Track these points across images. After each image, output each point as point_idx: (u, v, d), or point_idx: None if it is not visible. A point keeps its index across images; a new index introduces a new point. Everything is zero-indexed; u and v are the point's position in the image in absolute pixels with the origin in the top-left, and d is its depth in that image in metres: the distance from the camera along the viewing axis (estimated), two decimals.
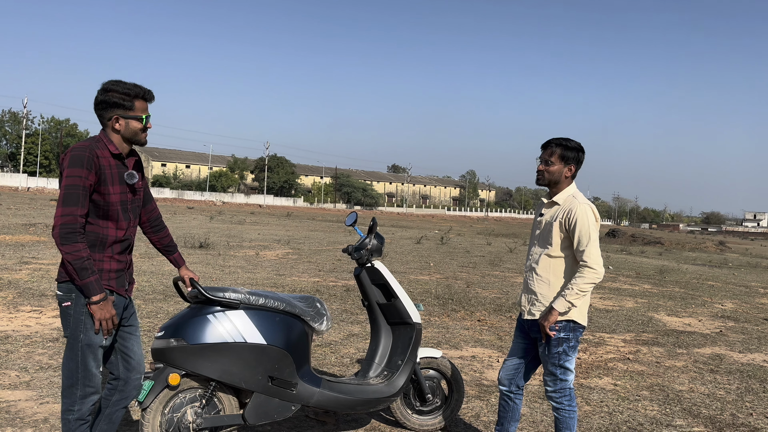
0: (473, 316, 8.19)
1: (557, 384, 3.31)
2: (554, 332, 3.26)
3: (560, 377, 3.30)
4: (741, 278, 16.77)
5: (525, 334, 3.48)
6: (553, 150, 3.32)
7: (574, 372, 3.36)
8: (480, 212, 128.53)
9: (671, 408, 4.85)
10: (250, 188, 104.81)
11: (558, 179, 3.34)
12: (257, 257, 13.86)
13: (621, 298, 10.81)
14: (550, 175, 3.33)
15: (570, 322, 3.27)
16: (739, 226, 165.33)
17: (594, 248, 3.20)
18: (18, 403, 4.09)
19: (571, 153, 3.32)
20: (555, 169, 3.32)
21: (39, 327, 6.10)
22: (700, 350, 7.00)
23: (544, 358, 3.34)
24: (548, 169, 3.33)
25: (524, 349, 3.50)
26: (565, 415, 3.34)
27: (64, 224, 2.67)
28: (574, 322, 3.27)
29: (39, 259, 11.01)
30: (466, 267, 14.66)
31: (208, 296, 3.25)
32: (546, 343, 3.30)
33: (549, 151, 3.34)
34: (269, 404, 3.36)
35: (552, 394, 3.35)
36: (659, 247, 36.43)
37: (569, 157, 3.32)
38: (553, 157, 3.32)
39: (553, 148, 3.32)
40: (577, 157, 3.33)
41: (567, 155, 3.31)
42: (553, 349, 3.28)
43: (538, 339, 3.37)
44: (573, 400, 3.35)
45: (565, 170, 3.33)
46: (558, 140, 3.34)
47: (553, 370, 3.30)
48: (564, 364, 3.29)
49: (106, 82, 2.85)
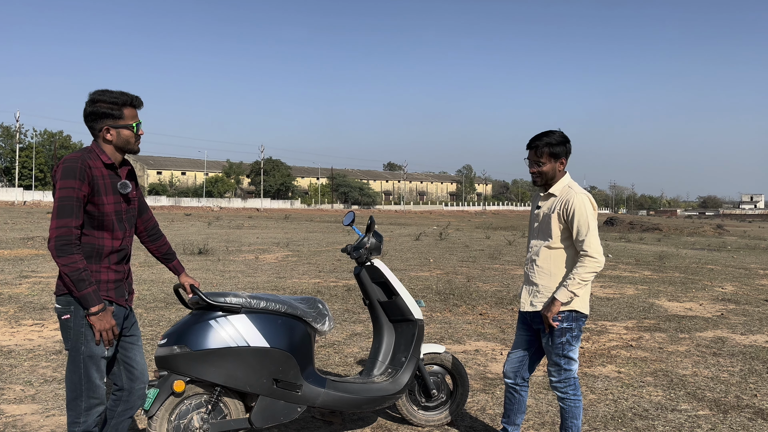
0: (475, 310, 8.20)
1: (561, 374, 3.33)
2: (557, 323, 3.27)
3: (564, 367, 3.32)
4: (740, 260, 16.81)
5: (528, 326, 3.50)
6: (541, 151, 3.32)
7: (577, 361, 3.38)
8: (477, 206, 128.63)
9: (676, 393, 4.86)
10: (246, 192, 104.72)
11: (553, 176, 3.36)
12: (257, 261, 13.86)
13: (621, 286, 10.84)
14: (545, 174, 3.35)
15: (572, 312, 3.28)
16: (736, 208, 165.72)
17: (593, 237, 3.21)
18: (24, 417, 4.09)
19: (559, 148, 3.32)
20: (547, 168, 3.33)
21: (41, 340, 6.09)
22: (702, 334, 7.03)
23: (548, 348, 3.35)
24: (541, 170, 3.34)
25: (527, 341, 3.51)
26: (571, 405, 3.35)
27: (60, 236, 2.66)
28: (576, 311, 3.29)
29: (38, 272, 11.00)
30: (466, 261, 14.68)
31: (210, 302, 3.25)
32: (549, 334, 3.31)
33: (537, 152, 3.33)
34: (275, 407, 3.37)
35: (557, 384, 3.36)
36: (657, 233, 36.49)
37: (558, 152, 3.32)
38: (543, 158, 3.32)
39: (540, 148, 3.32)
40: (565, 149, 3.34)
41: (556, 151, 3.32)
42: (557, 339, 3.30)
43: (541, 330, 3.38)
44: (578, 390, 3.37)
45: (557, 165, 3.34)
46: (542, 139, 3.32)
47: (557, 360, 3.32)
48: (568, 354, 3.30)
49: (92, 93, 2.83)
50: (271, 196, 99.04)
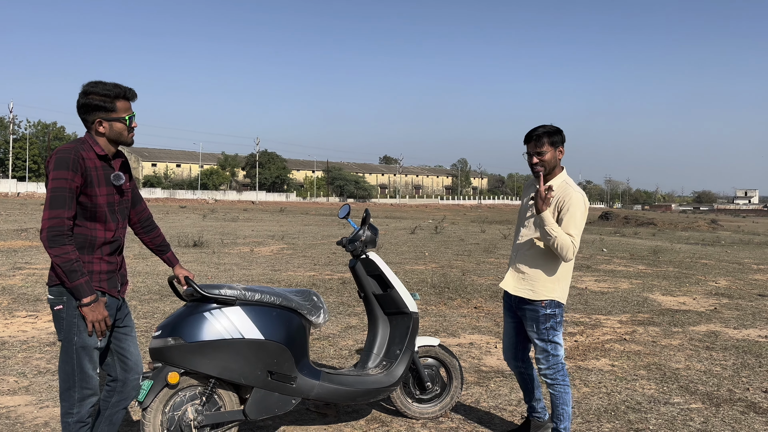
0: (470, 303, 8.22)
1: (550, 360, 3.45)
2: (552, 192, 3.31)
3: (552, 353, 3.44)
4: (734, 255, 16.89)
5: (513, 312, 3.64)
6: (541, 140, 3.39)
7: (563, 346, 3.51)
8: (473, 200, 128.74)
9: (668, 386, 4.89)
10: (241, 185, 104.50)
11: (554, 164, 3.43)
12: (252, 254, 13.84)
13: (616, 280, 10.88)
14: (547, 163, 3.40)
15: (553, 301, 3.43)
16: (730, 203, 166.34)
17: (577, 234, 3.32)
18: (18, 408, 4.09)
19: (557, 136, 3.42)
20: (549, 157, 3.39)
21: (35, 332, 6.08)
22: (696, 328, 7.06)
23: (533, 336, 3.48)
24: (543, 159, 3.39)
25: (515, 326, 3.67)
26: (561, 391, 3.46)
27: (51, 227, 2.65)
28: (557, 301, 3.43)
29: (32, 264, 10.96)
30: (461, 255, 14.70)
31: (204, 294, 3.25)
32: (534, 322, 3.44)
33: (537, 142, 3.39)
34: (269, 399, 3.37)
35: (546, 371, 3.47)
36: (652, 227, 36.61)
37: (556, 140, 3.42)
38: (543, 147, 3.38)
39: (540, 138, 3.39)
40: (561, 138, 3.45)
41: (554, 139, 3.41)
42: (542, 325, 3.43)
43: (524, 319, 3.51)
44: (566, 376, 3.49)
45: (557, 153, 3.43)
46: (540, 130, 3.41)
47: (544, 346, 3.44)
48: (554, 339, 3.44)
49: (86, 84, 2.81)
50: (267, 189, 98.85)
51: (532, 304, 3.43)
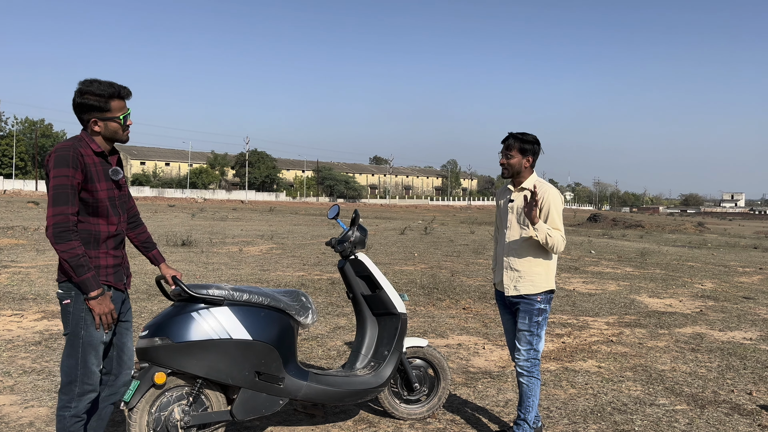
0: (458, 304, 8.24)
1: (531, 353, 3.60)
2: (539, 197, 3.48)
3: (535, 347, 3.60)
4: (720, 258, 17.05)
5: (509, 309, 3.76)
6: (511, 144, 3.61)
7: (544, 343, 3.69)
8: (463, 201, 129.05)
9: (654, 387, 4.93)
10: (231, 184, 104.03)
11: (519, 170, 3.64)
12: (241, 253, 13.79)
13: (603, 282, 10.94)
14: (512, 167, 3.61)
15: (548, 294, 3.59)
16: (717, 206, 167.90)
17: (563, 227, 3.56)
18: (2, 408, 4.05)
19: (528, 146, 3.60)
20: (515, 161, 3.59)
21: (21, 331, 6.02)
22: (682, 330, 7.12)
23: (523, 327, 3.60)
24: (509, 162, 3.61)
25: (514, 322, 3.76)
26: (533, 384, 3.62)
27: (57, 224, 2.71)
28: (551, 291, 3.61)
29: (18, 262, 10.85)
30: (451, 256, 14.73)
31: (192, 294, 3.24)
32: (527, 314, 3.57)
33: (508, 144, 3.62)
34: (257, 399, 3.36)
35: (524, 363, 3.61)
36: (640, 230, 36.89)
37: (527, 149, 3.61)
38: (512, 151, 3.61)
39: (511, 142, 3.62)
40: (533, 149, 3.62)
41: (525, 148, 3.60)
42: (534, 318, 3.58)
43: (518, 312, 3.63)
44: (539, 371, 3.65)
45: (524, 161, 3.62)
46: (516, 135, 3.61)
47: (531, 339, 3.59)
48: (540, 333, 3.60)
49: (81, 83, 2.85)
50: (256, 189, 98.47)
51: (528, 297, 3.58)
